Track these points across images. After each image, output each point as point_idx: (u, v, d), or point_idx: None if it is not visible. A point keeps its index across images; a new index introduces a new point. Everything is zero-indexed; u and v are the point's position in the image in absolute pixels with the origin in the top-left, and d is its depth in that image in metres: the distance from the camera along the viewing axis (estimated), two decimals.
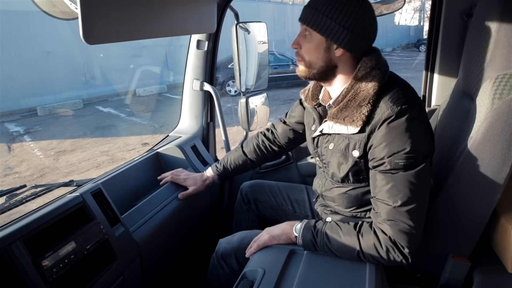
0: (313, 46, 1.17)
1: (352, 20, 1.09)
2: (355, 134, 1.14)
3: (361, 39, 1.13)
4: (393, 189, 1.07)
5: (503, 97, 1.06)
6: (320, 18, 1.12)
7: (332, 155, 1.23)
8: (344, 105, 1.15)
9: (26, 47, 9.78)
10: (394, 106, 1.07)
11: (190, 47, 1.88)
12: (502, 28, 1.09)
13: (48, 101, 10.02)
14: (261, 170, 2.04)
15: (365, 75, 1.13)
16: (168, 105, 10.33)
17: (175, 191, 1.64)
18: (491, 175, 1.13)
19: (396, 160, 1.06)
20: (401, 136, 1.06)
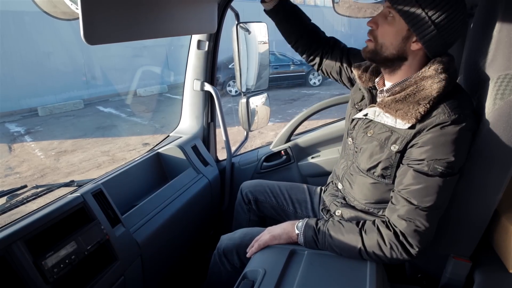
0: (393, 31, 1.10)
1: (444, 18, 1.04)
2: (401, 129, 1.11)
3: (444, 41, 1.08)
4: (423, 190, 1.07)
5: (504, 97, 1.06)
6: (412, 5, 1.05)
7: (367, 142, 1.20)
8: (402, 97, 1.10)
9: (27, 47, 9.81)
10: (452, 113, 1.04)
11: (191, 47, 1.88)
12: (503, 29, 1.08)
13: (49, 101, 10.03)
14: (261, 170, 2.04)
15: (434, 76, 1.08)
16: (169, 105, 10.33)
17: (176, 191, 1.64)
18: (493, 175, 1.13)
19: (436, 166, 1.05)
20: (449, 144, 1.04)
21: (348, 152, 1.34)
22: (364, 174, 1.23)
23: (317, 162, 2.00)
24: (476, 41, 1.20)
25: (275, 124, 7.63)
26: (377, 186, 1.21)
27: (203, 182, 1.80)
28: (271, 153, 2.05)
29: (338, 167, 1.42)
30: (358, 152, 1.26)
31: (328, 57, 1.49)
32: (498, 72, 1.10)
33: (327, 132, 2.02)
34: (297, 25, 1.48)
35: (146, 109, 10.03)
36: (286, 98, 10.31)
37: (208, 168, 1.88)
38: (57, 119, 9.45)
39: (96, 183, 1.38)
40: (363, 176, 1.24)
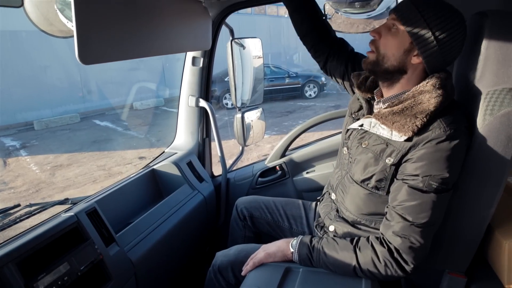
0: (395, 43, 1.12)
1: (447, 36, 1.06)
2: (397, 141, 1.12)
3: (443, 58, 1.10)
4: (418, 207, 1.07)
5: (494, 113, 1.07)
6: (417, 19, 1.07)
7: (362, 153, 1.21)
8: (399, 110, 1.11)
9: (24, 61, 9.82)
10: (447, 128, 1.05)
11: (186, 63, 1.89)
12: (490, 45, 1.10)
13: (45, 115, 10.01)
14: (257, 185, 2.04)
15: (431, 90, 1.09)
16: (165, 119, 10.34)
17: (171, 208, 1.63)
18: (485, 189, 1.14)
19: (431, 182, 1.06)
20: (444, 160, 1.05)
21: (343, 161, 1.34)
22: (357, 185, 1.23)
23: (312, 177, 2.00)
24: (465, 56, 1.22)
25: (271, 137, 7.65)
26: (370, 198, 1.22)
27: (198, 199, 1.80)
28: (266, 169, 2.05)
29: (333, 176, 1.42)
30: (352, 162, 1.26)
31: (334, 58, 1.49)
32: (487, 87, 1.12)
33: (322, 147, 2.02)
34: (310, 16, 1.48)
35: (143, 122, 10.03)
36: (282, 111, 10.35)
37: (203, 184, 1.88)
38: (53, 133, 9.42)
39: (90, 201, 1.37)
40: (356, 187, 1.24)
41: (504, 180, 1.12)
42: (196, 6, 1.49)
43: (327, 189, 1.48)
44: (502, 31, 1.10)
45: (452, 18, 1.07)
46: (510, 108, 1.06)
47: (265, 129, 2.08)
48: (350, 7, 1.92)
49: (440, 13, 1.06)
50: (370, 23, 1.94)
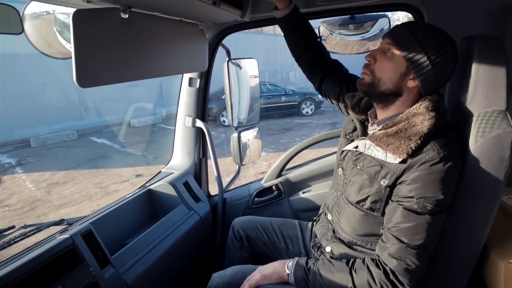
0: (391, 67, 1.14)
1: (442, 59, 1.09)
2: (392, 163, 1.13)
3: (438, 81, 1.13)
4: (413, 229, 1.07)
5: (485, 134, 1.09)
6: (412, 43, 1.09)
7: (357, 175, 1.22)
8: (393, 132, 1.12)
9: (21, 78, 9.86)
10: (441, 150, 1.07)
11: (182, 84, 1.91)
12: (480, 69, 1.13)
13: (42, 132, 10.00)
14: (253, 205, 2.04)
15: (424, 113, 1.11)
16: (163, 136, 10.34)
17: (167, 229, 1.63)
18: (480, 210, 1.15)
19: (425, 203, 1.06)
20: (438, 182, 1.06)
21: (338, 182, 1.35)
22: (353, 206, 1.24)
23: (308, 197, 2.01)
24: (456, 79, 1.25)
25: (268, 154, 7.66)
26: (366, 219, 1.22)
27: (194, 219, 1.79)
28: (262, 188, 2.06)
29: (329, 197, 1.43)
30: (347, 183, 1.27)
31: (329, 80, 1.50)
32: (478, 109, 1.14)
33: (318, 167, 2.03)
34: (305, 38, 1.49)
35: (140, 139, 10.03)
36: (279, 128, 10.39)
37: (199, 204, 1.88)
38: (49, 150, 9.39)
39: (86, 223, 1.37)
40: (352, 208, 1.25)
41: (497, 201, 1.14)
42: (193, 28, 1.52)
43: (323, 210, 1.49)
44: (490, 55, 1.13)
45: (445, 42, 1.10)
46: (501, 130, 1.08)
47: (261, 148, 2.09)
48: (344, 29, 1.95)
49: (433, 37, 1.09)
50: (364, 44, 1.97)
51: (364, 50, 1.99)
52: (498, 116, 1.10)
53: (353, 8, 1.71)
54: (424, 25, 1.14)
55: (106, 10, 0.99)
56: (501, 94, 1.12)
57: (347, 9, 1.73)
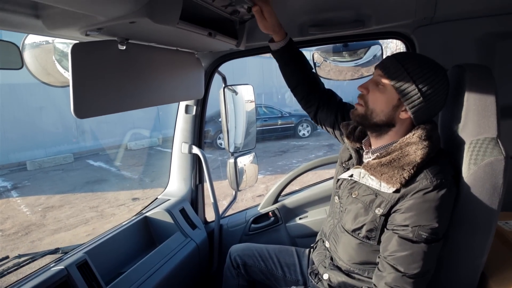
0: (384, 99, 1.16)
1: (433, 90, 1.11)
2: (386, 192, 1.14)
3: (430, 112, 1.15)
4: (409, 257, 1.08)
5: (477, 162, 1.11)
6: (403, 76, 1.12)
7: (352, 203, 1.23)
8: (387, 161, 1.14)
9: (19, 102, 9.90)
10: (434, 178, 1.08)
11: (179, 111, 1.93)
12: (470, 97, 1.15)
13: (39, 155, 9.98)
14: (250, 232, 2.03)
15: (417, 142, 1.12)
16: (159, 159, 10.32)
17: (163, 257, 1.61)
18: (476, 238, 1.15)
19: (420, 232, 1.07)
20: (432, 210, 1.07)
21: (335, 210, 1.36)
22: (349, 234, 1.24)
23: (305, 223, 2.00)
24: (448, 106, 1.27)
25: (265, 177, 7.64)
26: (362, 247, 1.22)
27: (191, 246, 1.78)
28: (259, 215, 2.05)
29: (326, 225, 1.43)
30: (343, 212, 1.28)
31: (324, 109, 1.52)
32: (470, 137, 1.16)
33: (314, 193, 2.04)
34: (299, 70, 1.51)
35: (137, 162, 10.00)
36: (276, 150, 10.38)
37: (196, 231, 1.87)
38: (45, 173, 9.35)
39: (81, 252, 1.36)
40: (348, 236, 1.25)
41: (493, 229, 1.14)
42: (189, 57, 1.55)
43: (321, 237, 1.48)
44: (480, 84, 1.16)
45: (436, 73, 1.12)
46: (493, 157, 1.09)
47: (258, 172, 2.09)
48: (337, 56, 1.99)
49: (424, 69, 1.11)
50: (358, 70, 2.01)
51: (358, 76, 2.02)
52: (489, 143, 1.12)
53: (346, 36, 1.75)
54: (415, 56, 1.16)
55: (104, 42, 1.02)
56: (492, 121, 1.14)
57: (340, 38, 1.77)
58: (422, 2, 1.44)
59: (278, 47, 1.47)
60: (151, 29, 1.00)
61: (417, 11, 1.50)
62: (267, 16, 1.33)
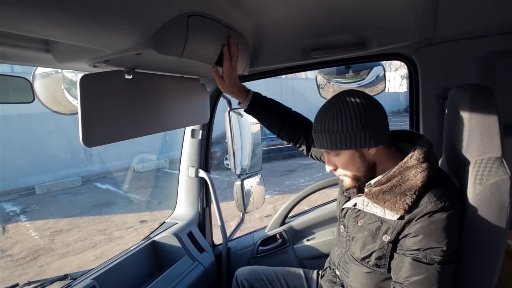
0: (348, 161, 1.18)
1: (361, 119, 1.11)
2: (391, 219, 1.14)
3: (381, 129, 1.14)
4: (425, 281, 1.06)
5: (483, 182, 1.11)
6: (335, 137, 1.14)
7: (359, 232, 1.23)
8: (388, 188, 1.14)
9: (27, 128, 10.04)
10: (438, 201, 1.07)
11: (185, 136, 1.96)
12: (473, 117, 1.16)
13: (47, 179, 10.04)
14: (257, 254, 2.02)
15: (416, 165, 1.12)
16: (167, 181, 10.33)
17: (171, 281, 1.61)
18: (485, 260, 1.14)
19: (433, 256, 1.06)
20: (440, 232, 1.06)
21: (342, 239, 1.35)
22: (358, 263, 1.24)
23: (313, 245, 1.99)
24: (451, 125, 1.28)
25: (273, 197, 7.60)
26: (372, 276, 1.21)
27: (199, 270, 1.78)
28: (266, 237, 2.05)
29: (334, 253, 1.42)
30: (351, 240, 1.27)
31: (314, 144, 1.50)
32: (474, 157, 1.16)
33: (321, 214, 2.03)
34: (276, 116, 1.49)
35: (144, 185, 10.02)
36: (283, 170, 10.34)
37: (204, 255, 1.87)
38: (54, 197, 9.40)
39: (89, 278, 1.36)
40: (358, 265, 1.24)
41: (502, 249, 1.13)
42: (194, 83, 1.58)
43: (329, 264, 1.48)
44: (481, 104, 1.16)
45: (347, 108, 1.12)
46: (498, 177, 1.09)
47: (265, 194, 2.10)
48: (341, 77, 2.02)
49: (337, 116, 1.13)
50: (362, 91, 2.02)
51: None
52: (494, 163, 1.12)
53: (348, 59, 1.78)
54: (325, 116, 1.16)
55: (111, 73, 1.05)
56: (496, 141, 1.15)
57: (342, 60, 1.79)
58: (422, 24, 1.46)
59: (246, 106, 1.48)
60: (157, 59, 1.03)
61: (417, 32, 1.52)
62: (225, 78, 1.33)
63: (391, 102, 27.58)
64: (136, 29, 0.84)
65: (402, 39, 1.58)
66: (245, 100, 1.46)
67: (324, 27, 1.46)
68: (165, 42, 0.90)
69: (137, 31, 0.85)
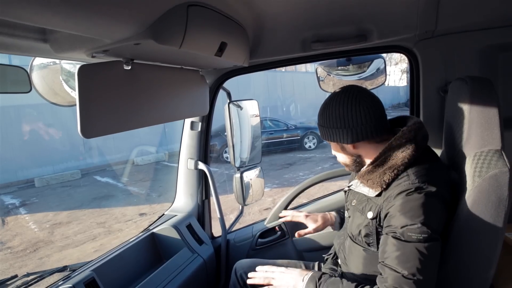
0: (335, 150, 1.33)
1: (341, 119, 1.20)
2: (373, 197, 1.19)
3: (360, 127, 1.19)
4: (403, 256, 1.07)
5: (482, 174, 1.11)
6: (324, 131, 1.28)
7: (353, 211, 1.29)
8: (372, 168, 1.20)
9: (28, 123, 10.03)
10: (416, 180, 1.11)
11: (184, 128, 1.95)
12: (473, 110, 1.16)
13: (47, 172, 10.06)
14: (256, 246, 2.02)
15: (399, 145, 1.17)
16: (166, 174, 10.35)
17: (171, 273, 1.61)
18: (482, 252, 1.14)
19: (409, 233, 1.07)
20: (416, 209, 1.08)
21: (346, 222, 1.40)
22: (353, 242, 1.29)
23: (312, 237, 1.99)
24: (452, 117, 1.27)
25: (272, 190, 7.62)
26: (366, 255, 1.25)
27: (198, 262, 1.78)
28: (265, 229, 2.05)
29: (336, 241, 1.47)
30: (349, 221, 1.33)
31: None
32: (474, 149, 1.16)
33: (321, 206, 2.03)
34: None
35: (144, 178, 10.03)
36: (282, 163, 10.36)
37: (203, 247, 1.87)
38: (53, 189, 9.41)
39: (88, 270, 1.36)
40: (354, 244, 1.29)
41: (500, 241, 1.13)
42: (193, 75, 1.57)
43: (332, 252, 1.52)
44: (482, 96, 1.16)
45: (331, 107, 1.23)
46: (497, 169, 1.09)
47: (264, 186, 2.09)
48: (341, 70, 2.00)
49: (324, 113, 1.25)
50: (362, 84, 2.02)
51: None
52: (493, 155, 1.12)
53: (349, 51, 1.77)
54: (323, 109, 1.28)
55: (109, 63, 1.04)
56: (495, 133, 1.15)
57: (342, 52, 1.78)
58: (424, 16, 1.45)
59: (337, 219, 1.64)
60: (156, 50, 1.02)
61: (419, 25, 1.51)
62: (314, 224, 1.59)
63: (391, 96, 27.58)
64: (135, 18, 0.83)
65: (403, 31, 1.57)
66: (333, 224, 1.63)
67: (325, 18, 1.44)
68: (164, 32, 0.89)
69: (135, 20, 0.84)
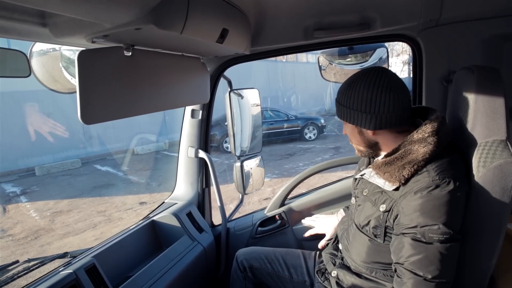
0: (350, 133, 1.27)
1: (367, 103, 1.14)
2: (389, 190, 1.16)
3: (385, 115, 1.14)
4: (425, 260, 1.05)
5: (486, 165, 1.10)
6: (343, 110, 1.21)
7: (364, 201, 1.27)
8: (390, 160, 1.15)
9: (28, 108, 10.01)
10: (436, 176, 1.07)
11: (185, 116, 1.94)
12: (479, 99, 1.15)
13: (47, 161, 10.07)
14: (256, 235, 2.03)
15: (421, 140, 1.12)
16: (166, 163, 10.36)
17: (171, 260, 1.62)
18: (484, 242, 1.14)
19: (430, 234, 1.05)
20: (438, 208, 1.05)
21: (352, 210, 1.39)
22: (359, 231, 1.27)
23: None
24: (456, 107, 1.26)
25: (272, 180, 7.64)
26: (370, 245, 1.24)
27: (198, 250, 1.78)
28: (266, 218, 2.05)
29: (340, 226, 1.49)
30: (357, 209, 1.31)
31: None
32: (479, 139, 1.15)
33: (321, 196, 2.04)
34: None
35: (144, 167, 10.05)
36: (283, 153, 10.36)
37: (203, 235, 1.87)
38: (54, 178, 9.44)
39: (89, 256, 1.37)
40: (359, 233, 1.27)
41: (502, 232, 1.13)
42: (194, 62, 1.56)
43: (333, 236, 1.54)
44: (488, 86, 1.15)
45: (359, 88, 1.16)
46: (502, 160, 1.08)
47: (264, 176, 2.09)
48: (343, 59, 1.99)
49: (349, 93, 1.18)
50: None
51: None
52: (498, 146, 1.11)
53: (351, 39, 1.75)
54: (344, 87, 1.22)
55: (110, 49, 1.03)
56: (501, 124, 1.14)
57: (345, 41, 1.77)
58: (428, 4, 1.43)
59: None
60: (157, 35, 1.01)
61: (423, 13, 1.49)
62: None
63: None
64: (136, 2, 0.82)
65: (407, 19, 1.55)
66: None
67: (328, 6, 1.43)
68: (165, 17, 0.88)
69: (136, 4, 0.82)
